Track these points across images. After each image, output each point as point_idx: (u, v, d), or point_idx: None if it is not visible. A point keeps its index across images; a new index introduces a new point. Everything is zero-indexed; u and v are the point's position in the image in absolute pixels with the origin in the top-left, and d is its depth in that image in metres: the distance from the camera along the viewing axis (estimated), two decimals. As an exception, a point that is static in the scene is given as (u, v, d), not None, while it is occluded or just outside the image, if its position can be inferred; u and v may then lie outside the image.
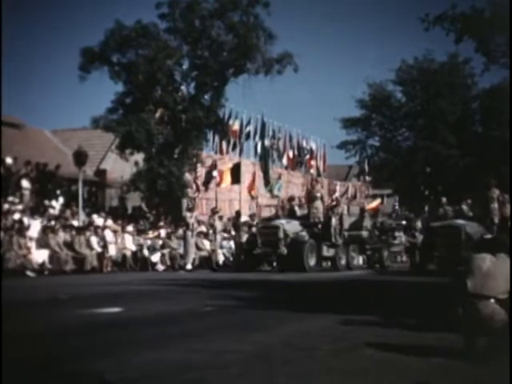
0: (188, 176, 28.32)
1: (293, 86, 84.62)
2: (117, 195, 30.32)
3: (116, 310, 10.06)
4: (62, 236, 20.09)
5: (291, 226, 22.28)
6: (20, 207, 21.08)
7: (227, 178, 29.60)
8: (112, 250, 21.55)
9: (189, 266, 22.19)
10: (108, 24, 26.95)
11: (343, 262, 23.42)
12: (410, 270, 22.09)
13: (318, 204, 23.12)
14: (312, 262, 21.89)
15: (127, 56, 27.14)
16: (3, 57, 22.43)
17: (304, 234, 22.07)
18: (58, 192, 24.76)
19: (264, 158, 34.11)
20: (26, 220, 19.67)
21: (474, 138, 39.46)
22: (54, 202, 23.64)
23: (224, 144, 32.19)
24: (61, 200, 24.26)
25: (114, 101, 27.29)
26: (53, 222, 20.67)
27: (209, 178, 29.13)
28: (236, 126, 32.90)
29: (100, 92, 59.08)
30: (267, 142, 35.15)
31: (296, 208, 24.10)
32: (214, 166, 29.32)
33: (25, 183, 22.63)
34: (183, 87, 28.11)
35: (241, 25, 27.28)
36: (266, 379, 5.43)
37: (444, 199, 23.25)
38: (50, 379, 5.35)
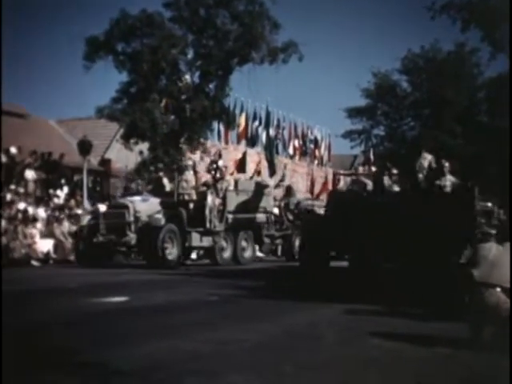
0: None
1: (298, 75, 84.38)
2: (121, 184, 30.33)
3: (122, 299, 10.06)
4: (67, 225, 20.11)
5: (147, 206, 17.03)
6: (25, 197, 21.11)
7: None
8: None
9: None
10: (113, 13, 26.86)
11: (227, 254, 18.61)
12: (300, 267, 15.30)
13: (189, 176, 17.93)
14: (173, 254, 16.67)
15: (132, 45, 27.09)
16: (6, 46, 22.34)
17: (160, 216, 16.61)
18: (63, 181, 24.78)
19: (269, 148, 34.06)
20: (30, 210, 19.69)
21: (480, 128, 39.32)
22: (58, 192, 23.65)
23: (229, 133, 32.19)
24: (65, 189, 24.26)
25: (118, 90, 27.28)
26: (57, 212, 20.70)
27: (215, 168, 28.86)
28: (242, 121, 32.89)
29: (105, 81, 58.96)
30: (272, 132, 35.13)
31: (165, 181, 18.63)
32: (219, 156, 29.24)
33: (29, 173, 22.65)
34: (187, 76, 28.05)
35: (246, 14, 27.18)
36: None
37: (360, 168, 18.24)
38: (57, 369, 5.34)
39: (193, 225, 17.31)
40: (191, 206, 17.43)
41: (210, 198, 17.58)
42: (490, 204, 16.77)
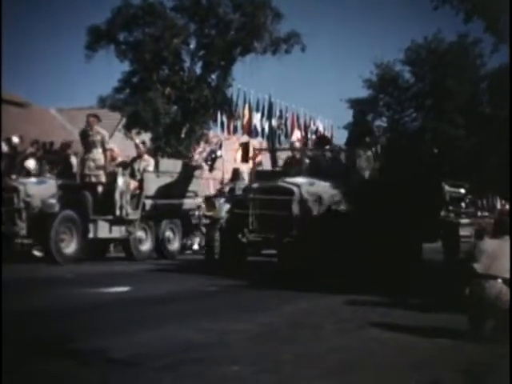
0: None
1: (300, 65, 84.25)
2: (123, 174, 30.27)
3: (123, 289, 10.07)
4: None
5: (42, 189, 14.06)
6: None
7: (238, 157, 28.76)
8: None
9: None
10: (115, 2, 26.80)
11: (147, 246, 15.67)
12: (205, 264, 13.44)
13: (97, 154, 14.77)
14: (71, 247, 13.80)
15: (134, 34, 27.05)
16: (7, 34, 22.27)
17: (53, 201, 13.55)
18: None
19: (271, 138, 34.03)
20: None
21: (482, 119, 39.27)
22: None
23: (232, 124, 32.10)
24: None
25: (120, 80, 27.25)
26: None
27: (213, 158, 28.64)
28: (246, 112, 32.79)
29: (106, 71, 58.91)
30: (274, 122, 35.08)
31: (73, 160, 15.20)
32: (219, 146, 29.16)
33: (31, 162, 22.58)
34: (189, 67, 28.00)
35: (248, 3, 27.09)
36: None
37: (297, 143, 15.72)
38: (56, 358, 5.35)
39: (100, 212, 14.38)
40: (99, 189, 14.59)
41: (120, 180, 14.81)
42: (462, 190, 15.78)
